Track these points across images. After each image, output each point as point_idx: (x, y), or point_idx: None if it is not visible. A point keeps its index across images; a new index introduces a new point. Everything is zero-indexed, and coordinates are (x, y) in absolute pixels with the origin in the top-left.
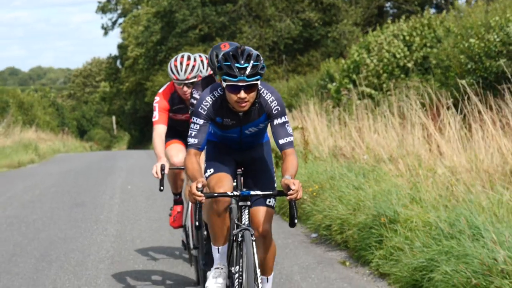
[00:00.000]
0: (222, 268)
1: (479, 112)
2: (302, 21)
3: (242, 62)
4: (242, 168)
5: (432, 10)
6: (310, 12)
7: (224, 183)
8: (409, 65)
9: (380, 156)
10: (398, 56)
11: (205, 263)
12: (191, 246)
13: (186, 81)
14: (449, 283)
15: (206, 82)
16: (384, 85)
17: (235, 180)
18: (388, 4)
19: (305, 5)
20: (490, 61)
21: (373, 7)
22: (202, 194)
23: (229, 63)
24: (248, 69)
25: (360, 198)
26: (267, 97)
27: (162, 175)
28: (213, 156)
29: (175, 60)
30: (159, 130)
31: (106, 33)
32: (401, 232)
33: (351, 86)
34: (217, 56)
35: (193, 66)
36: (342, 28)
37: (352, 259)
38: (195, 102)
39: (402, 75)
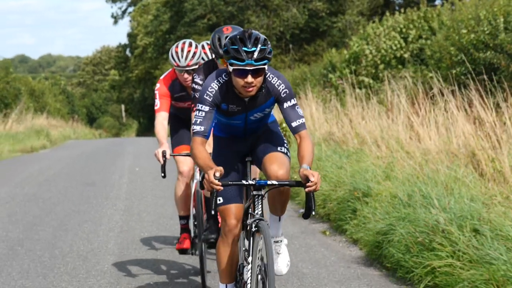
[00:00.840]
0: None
1: (446, 101)
2: (309, 11)
3: (250, 46)
4: (250, 156)
5: (438, 1)
6: (316, 2)
7: (235, 211)
8: (406, 56)
9: (366, 141)
10: (394, 47)
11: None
12: (192, 234)
13: (187, 68)
14: (402, 242)
15: (208, 67)
16: (380, 75)
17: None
18: None
19: None
20: (478, 53)
21: None
22: (219, 183)
23: (236, 47)
24: (256, 53)
25: (341, 176)
26: (273, 81)
27: (164, 161)
28: (219, 157)
29: (176, 47)
30: (161, 117)
31: (116, 22)
32: (371, 204)
33: (348, 75)
34: (219, 39)
35: (194, 53)
36: (348, 19)
37: (332, 229)
38: (196, 87)
39: (399, 66)
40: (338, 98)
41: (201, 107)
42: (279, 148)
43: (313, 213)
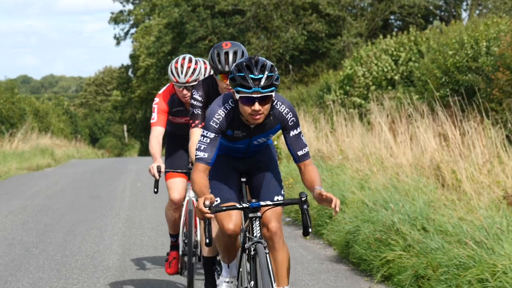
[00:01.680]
0: (232, 282)
1: (414, 119)
2: (309, 33)
3: (257, 73)
4: (246, 177)
5: (437, 22)
6: (316, 24)
7: (233, 216)
8: (396, 77)
9: (348, 157)
10: (385, 69)
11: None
12: (180, 252)
13: (186, 84)
14: (365, 240)
15: (207, 83)
16: (370, 96)
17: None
18: (393, 17)
19: (313, 18)
20: (460, 75)
21: (378, 19)
22: (209, 211)
23: (243, 74)
24: (263, 80)
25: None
26: (281, 109)
27: (159, 176)
28: (217, 176)
29: (176, 62)
30: (156, 132)
31: (118, 43)
32: (345, 210)
33: (341, 96)
34: (218, 55)
35: (194, 69)
36: (345, 40)
37: (312, 234)
38: (195, 103)
39: (390, 87)
40: (328, 117)
41: (207, 133)
42: (275, 199)
43: (310, 230)
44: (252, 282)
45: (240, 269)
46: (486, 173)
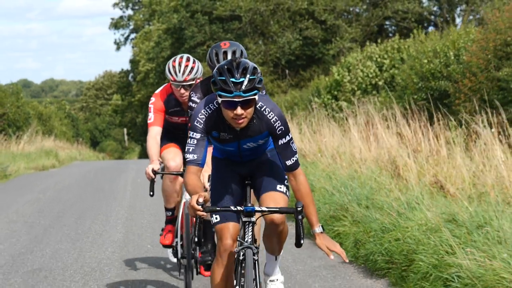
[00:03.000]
0: None
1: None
2: (305, 38)
3: (238, 76)
4: (250, 180)
5: (431, 28)
6: (311, 30)
7: (231, 231)
8: (380, 83)
9: (324, 153)
10: (370, 75)
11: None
12: (179, 255)
13: (184, 83)
14: (323, 218)
15: (205, 85)
16: (354, 100)
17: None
18: (387, 22)
19: (309, 24)
20: (434, 81)
21: (373, 25)
22: (201, 208)
23: (223, 78)
24: (245, 84)
25: None
26: (269, 116)
27: (153, 178)
28: (218, 179)
29: (174, 61)
30: (154, 132)
31: (118, 48)
32: None
33: (329, 100)
34: (216, 54)
35: (192, 68)
36: (340, 46)
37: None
38: (193, 105)
39: (374, 92)
40: (312, 120)
41: (193, 134)
42: (278, 187)
43: (302, 241)
44: (237, 287)
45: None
46: (430, 165)
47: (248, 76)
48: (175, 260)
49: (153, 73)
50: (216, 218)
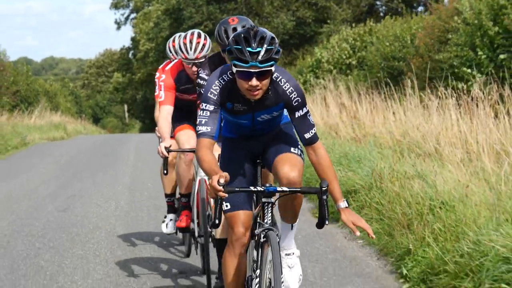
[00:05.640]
0: None
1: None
2: (298, 19)
3: (255, 45)
4: (261, 159)
5: (420, 8)
6: (304, 10)
7: (243, 220)
8: (353, 62)
9: None
10: (344, 56)
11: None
12: (197, 234)
13: (196, 61)
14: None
15: (213, 61)
16: (331, 77)
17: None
18: (378, 2)
19: (299, 4)
20: (394, 62)
21: (363, 6)
22: (223, 189)
23: (240, 47)
24: (261, 54)
25: None
26: (285, 87)
27: (166, 157)
28: (229, 161)
29: (185, 38)
30: (165, 112)
31: (119, 28)
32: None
33: (311, 79)
34: (225, 31)
35: (204, 45)
36: (331, 28)
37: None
38: (202, 82)
39: (348, 71)
40: None
41: (206, 106)
42: (292, 149)
43: (327, 222)
44: (258, 271)
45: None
46: (354, 127)
47: (265, 46)
48: (167, 231)
49: (152, 52)
50: (227, 206)
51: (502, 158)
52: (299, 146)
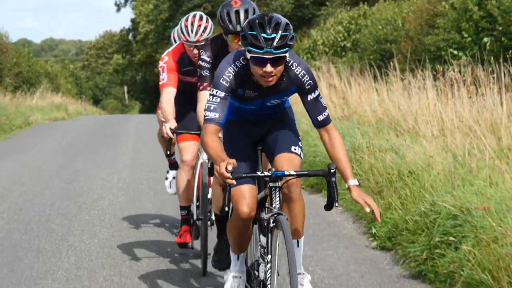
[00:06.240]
0: (240, 277)
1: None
2: (297, 1)
3: (269, 31)
4: (262, 144)
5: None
6: None
7: (248, 198)
8: (348, 45)
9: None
10: (339, 39)
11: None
12: (195, 217)
13: (197, 44)
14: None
15: (215, 43)
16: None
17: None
18: None
19: None
20: (385, 44)
21: None
22: (231, 176)
23: (254, 33)
24: (276, 40)
25: None
26: (297, 71)
27: (171, 138)
28: (230, 144)
29: (186, 20)
30: (168, 94)
31: (118, 10)
32: None
33: (308, 60)
34: (228, 14)
35: (205, 28)
36: (329, 10)
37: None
38: (203, 64)
39: (343, 53)
40: None
41: (216, 92)
42: (292, 148)
43: (336, 204)
44: (269, 256)
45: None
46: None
47: (280, 32)
48: (171, 191)
49: (152, 34)
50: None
51: (472, 134)
52: (299, 143)
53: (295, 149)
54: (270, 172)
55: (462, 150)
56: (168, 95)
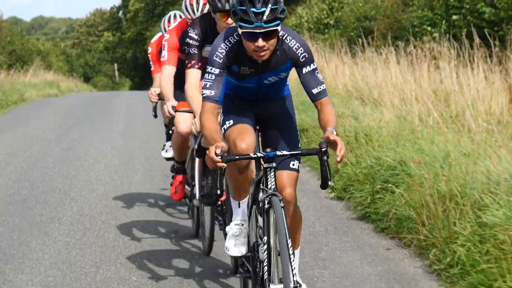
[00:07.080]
0: (243, 224)
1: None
2: None
3: (259, 6)
4: (259, 127)
5: None
6: None
7: (247, 136)
8: (331, 22)
9: None
10: (322, 16)
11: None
12: (195, 196)
13: None
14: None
15: (204, 21)
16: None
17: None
18: None
19: None
20: (365, 22)
21: None
22: (220, 160)
23: (244, 8)
24: (266, 14)
25: None
26: (291, 44)
27: (173, 116)
28: (231, 108)
29: None
30: (167, 72)
31: None
32: None
33: None
34: None
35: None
36: None
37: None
38: (191, 42)
39: (326, 30)
40: None
41: (211, 69)
42: (291, 164)
43: (330, 183)
44: (265, 238)
45: (249, 222)
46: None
47: (270, 5)
48: (168, 155)
49: (142, 12)
50: (229, 122)
51: (429, 103)
52: (298, 158)
53: (293, 165)
54: (263, 153)
55: (412, 117)
56: (167, 73)
